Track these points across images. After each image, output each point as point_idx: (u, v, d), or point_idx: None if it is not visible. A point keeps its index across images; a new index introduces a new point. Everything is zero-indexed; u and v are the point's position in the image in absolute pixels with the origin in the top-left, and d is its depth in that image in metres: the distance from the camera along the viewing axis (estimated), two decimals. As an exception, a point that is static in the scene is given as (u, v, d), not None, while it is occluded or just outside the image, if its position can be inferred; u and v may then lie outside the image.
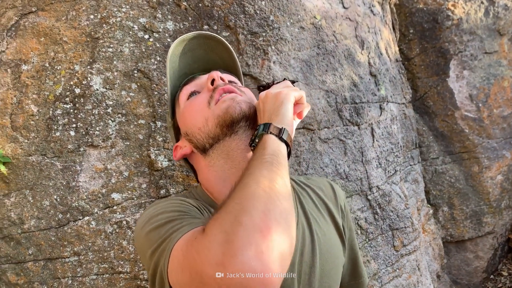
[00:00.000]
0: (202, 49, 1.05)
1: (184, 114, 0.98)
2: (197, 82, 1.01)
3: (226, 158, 0.92)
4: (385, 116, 1.81)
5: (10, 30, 1.40)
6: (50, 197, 1.34)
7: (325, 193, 1.06)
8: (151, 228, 0.77)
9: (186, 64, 1.05)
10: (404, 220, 1.70)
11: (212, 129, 0.91)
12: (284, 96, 0.89)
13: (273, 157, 0.75)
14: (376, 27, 1.95)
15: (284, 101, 0.88)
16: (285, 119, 0.85)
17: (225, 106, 0.89)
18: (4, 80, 1.38)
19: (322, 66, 1.57)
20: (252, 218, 0.60)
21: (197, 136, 0.94)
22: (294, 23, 1.53)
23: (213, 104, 0.91)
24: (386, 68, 1.97)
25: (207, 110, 0.92)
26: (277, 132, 0.82)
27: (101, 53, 1.38)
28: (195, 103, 0.95)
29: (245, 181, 0.69)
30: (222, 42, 1.04)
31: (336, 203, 1.06)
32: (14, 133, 1.36)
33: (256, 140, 0.84)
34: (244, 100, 0.92)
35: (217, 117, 0.89)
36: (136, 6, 1.40)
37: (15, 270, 1.34)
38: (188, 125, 0.96)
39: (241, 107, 0.90)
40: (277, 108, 0.87)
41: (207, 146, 0.93)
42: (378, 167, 1.67)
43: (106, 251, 1.32)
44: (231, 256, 0.57)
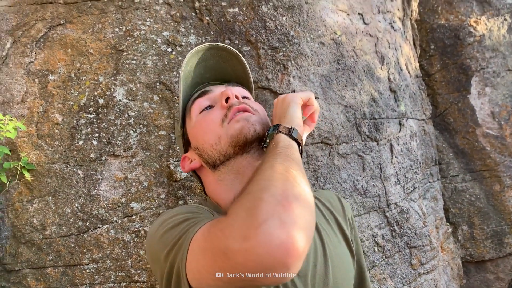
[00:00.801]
0: (215, 59, 1.06)
1: (195, 128, 0.99)
2: (210, 96, 1.01)
3: (236, 173, 0.93)
4: (405, 132, 1.80)
5: (39, 42, 1.45)
6: (71, 204, 1.37)
7: (333, 205, 1.06)
8: (165, 230, 0.77)
9: (198, 74, 1.06)
10: (422, 238, 1.67)
11: (225, 148, 0.92)
12: (291, 98, 0.92)
13: (285, 149, 0.78)
14: (396, 42, 1.94)
15: (291, 103, 0.91)
16: (294, 119, 0.88)
17: (239, 126, 0.90)
18: (31, 89, 1.43)
19: (341, 81, 1.57)
20: (272, 194, 0.62)
21: (209, 153, 0.95)
22: (314, 39, 1.54)
23: (226, 123, 0.92)
24: (406, 84, 1.96)
25: (220, 128, 0.92)
26: (286, 131, 0.84)
27: (125, 65, 1.41)
28: (208, 120, 0.96)
29: (261, 168, 0.71)
30: (235, 54, 1.05)
31: (344, 216, 1.06)
32: (39, 141, 1.40)
33: (267, 141, 0.87)
34: (258, 121, 0.92)
35: (230, 136, 0.90)
36: (160, 20, 1.44)
37: (35, 275, 1.36)
38: (200, 140, 0.97)
39: (255, 128, 0.90)
40: (284, 110, 0.90)
41: (217, 162, 0.94)
42: (396, 184, 1.66)
43: (124, 259, 1.34)
44: (255, 227, 0.58)
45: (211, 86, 1.05)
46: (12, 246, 1.39)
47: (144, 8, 1.44)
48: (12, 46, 1.46)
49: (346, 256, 1.00)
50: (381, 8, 1.88)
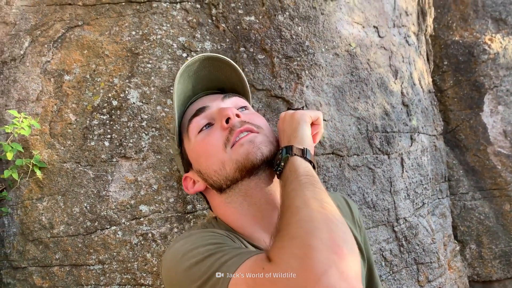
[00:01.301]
0: (207, 69, 1.00)
1: (196, 151, 0.94)
2: (207, 113, 0.95)
3: (244, 195, 0.90)
4: (416, 147, 1.79)
5: (57, 42, 1.47)
6: (80, 204, 1.37)
7: (341, 209, 1.04)
8: (191, 264, 0.73)
9: (191, 88, 1.00)
10: (430, 255, 1.65)
11: (231, 173, 0.87)
12: (300, 116, 0.89)
13: (308, 177, 0.75)
14: (410, 57, 1.94)
15: (301, 122, 0.88)
16: (305, 140, 0.85)
17: (245, 151, 0.86)
18: (47, 88, 1.44)
19: (354, 93, 1.57)
20: (322, 240, 0.59)
21: (213, 178, 0.91)
22: (329, 50, 1.54)
23: (229, 147, 0.87)
24: (419, 99, 1.95)
25: (223, 153, 0.88)
26: (300, 153, 0.82)
27: (140, 68, 1.42)
28: (209, 143, 0.90)
29: (295, 205, 0.67)
30: (228, 63, 0.99)
31: (353, 219, 1.04)
32: (52, 139, 1.41)
33: (281, 164, 0.83)
34: (263, 142, 0.88)
35: (235, 162, 0.86)
36: (176, 25, 1.45)
37: (41, 273, 1.36)
38: (202, 165, 0.92)
39: (262, 152, 0.86)
40: (294, 129, 0.88)
41: (224, 186, 0.90)
42: (406, 199, 1.64)
43: (130, 262, 1.34)
44: (315, 281, 0.55)
45: (206, 98, 1.00)
46: (20, 243, 1.39)
47: (162, 13, 1.46)
48: (30, 45, 1.48)
49: None
50: (397, 22, 1.88)
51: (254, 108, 1.44)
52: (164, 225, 1.35)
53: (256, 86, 1.44)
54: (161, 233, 1.35)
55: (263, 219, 0.90)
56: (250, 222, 0.91)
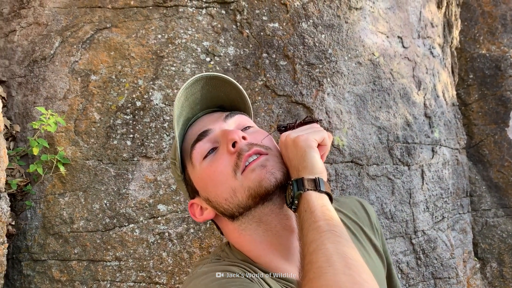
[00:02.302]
0: (205, 89, 0.94)
1: (203, 179, 0.88)
2: (211, 137, 0.89)
3: (258, 222, 0.86)
4: (437, 160, 1.76)
5: (85, 43, 1.52)
6: (100, 201, 1.40)
7: (358, 216, 1.01)
8: None
9: (189, 110, 0.95)
10: (449, 270, 1.61)
11: (243, 201, 0.83)
12: (304, 142, 0.80)
13: (327, 222, 0.69)
14: (434, 69, 1.92)
15: (307, 149, 0.80)
16: (315, 168, 0.78)
17: (257, 178, 0.81)
18: (73, 87, 1.49)
19: (376, 102, 1.56)
20: None
21: (224, 206, 0.86)
22: (351, 58, 1.54)
23: (239, 174, 0.82)
24: (442, 111, 1.93)
25: (234, 180, 0.83)
26: (313, 186, 0.76)
27: (164, 70, 1.45)
28: (217, 170, 0.85)
29: (318, 264, 0.63)
30: (228, 81, 0.94)
31: (370, 224, 1.01)
32: (76, 137, 1.45)
33: (295, 202, 0.77)
34: (275, 165, 0.83)
35: (248, 189, 0.81)
36: (201, 30, 1.48)
37: (59, 267, 1.40)
38: (211, 193, 0.87)
39: (276, 177, 0.81)
40: (301, 157, 0.80)
41: (236, 214, 0.86)
42: (425, 211, 1.62)
43: (146, 260, 1.36)
44: None
45: (205, 118, 0.95)
46: (41, 236, 1.43)
47: (187, 17, 1.49)
48: (60, 45, 1.53)
49: (379, 271, 0.96)
50: (422, 33, 1.87)
51: (274, 114, 1.45)
52: (181, 225, 1.37)
53: (277, 92, 1.45)
54: (178, 233, 1.37)
55: (280, 245, 0.86)
56: (266, 251, 0.86)
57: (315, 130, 0.84)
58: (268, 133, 0.92)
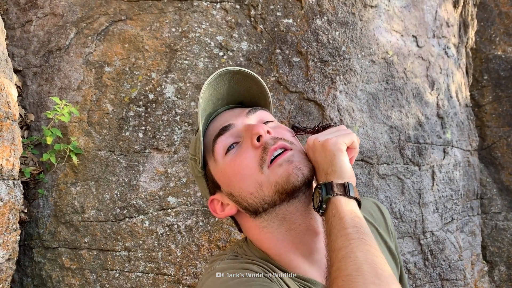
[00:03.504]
0: (226, 84, 0.93)
1: (226, 173, 0.87)
2: (233, 131, 0.89)
3: (282, 220, 0.85)
4: (448, 161, 1.75)
5: (100, 35, 1.53)
6: (111, 191, 1.42)
7: (375, 218, 1.00)
8: None
9: (211, 105, 0.94)
10: (456, 272, 1.61)
11: (269, 196, 0.82)
12: (333, 145, 0.79)
13: (356, 229, 0.69)
14: (449, 69, 1.90)
15: (336, 153, 0.78)
16: (344, 172, 0.77)
17: (285, 173, 0.80)
18: (88, 78, 1.50)
19: (388, 101, 1.56)
20: None
21: (249, 201, 0.85)
22: (365, 56, 1.53)
23: (266, 168, 0.82)
24: (455, 112, 1.91)
25: (260, 174, 0.82)
26: (342, 191, 0.75)
27: (177, 64, 1.46)
28: (242, 164, 0.84)
29: (347, 272, 0.63)
30: (250, 75, 0.93)
31: (386, 227, 1.01)
32: (89, 128, 1.46)
33: (323, 206, 0.76)
34: (301, 161, 0.83)
35: (275, 184, 0.81)
36: (215, 24, 1.48)
37: (70, 255, 1.42)
38: (235, 187, 0.86)
39: (303, 173, 0.81)
40: (330, 161, 0.78)
41: (260, 210, 0.85)
42: (434, 212, 1.61)
43: (154, 251, 1.37)
44: None
45: (226, 114, 0.95)
46: (52, 224, 1.45)
47: (202, 11, 1.49)
48: (75, 36, 1.55)
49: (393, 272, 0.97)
50: (437, 32, 1.85)
51: (285, 110, 1.45)
52: (190, 218, 1.38)
53: (289, 88, 1.45)
54: (187, 226, 1.38)
55: (303, 245, 0.85)
56: (287, 249, 0.85)
57: (344, 133, 0.82)
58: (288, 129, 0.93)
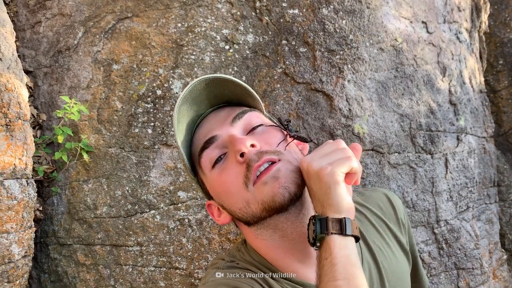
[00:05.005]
0: (207, 90, 0.89)
1: (215, 187, 0.87)
2: (218, 143, 0.86)
3: (274, 229, 0.83)
4: (462, 148, 1.71)
5: (107, 33, 1.54)
6: (122, 187, 1.43)
7: (384, 211, 0.98)
8: None
9: (194, 111, 0.91)
10: (473, 261, 1.58)
11: (257, 212, 0.80)
12: (329, 177, 0.72)
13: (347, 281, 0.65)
14: (461, 54, 1.86)
15: (332, 186, 0.71)
16: (341, 206, 0.71)
17: (270, 192, 0.77)
18: (96, 76, 1.52)
19: (398, 89, 1.53)
20: None
21: (239, 215, 0.84)
22: (373, 44, 1.51)
23: (251, 186, 0.79)
24: (468, 98, 1.87)
25: (246, 192, 0.80)
26: (338, 228, 0.70)
27: (184, 59, 1.46)
28: (228, 181, 0.82)
29: None
30: (228, 80, 0.88)
31: (396, 220, 0.98)
32: (99, 125, 1.48)
33: (317, 244, 0.73)
34: (288, 176, 0.78)
35: (261, 202, 0.78)
36: (221, 18, 1.48)
37: (84, 251, 1.44)
38: (225, 202, 0.86)
39: (290, 191, 0.77)
40: (325, 193, 0.72)
41: (251, 222, 0.84)
42: (448, 201, 1.58)
43: (166, 245, 1.39)
44: None
45: (212, 119, 0.91)
46: (66, 221, 1.48)
47: (207, 5, 1.49)
48: (83, 35, 1.56)
49: (404, 269, 0.95)
50: (447, 17, 1.81)
51: (293, 101, 1.44)
52: (200, 212, 1.39)
53: (296, 79, 1.44)
54: (197, 219, 1.39)
55: (297, 250, 0.85)
56: (282, 255, 0.85)
57: (341, 156, 0.73)
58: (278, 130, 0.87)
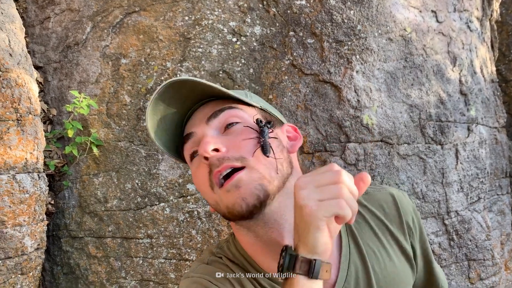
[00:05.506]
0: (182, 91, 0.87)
1: (193, 180, 0.90)
2: (194, 140, 0.87)
3: (247, 229, 0.86)
4: (473, 139, 1.69)
5: (115, 27, 1.55)
6: (132, 181, 1.44)
7: (386, 212, 0.94)
8: None
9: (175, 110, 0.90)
10: (484, 252, 1.57)
11: (226, 214, 0.83)
12: (312, 219, 0.65)
13: None
14: (472, 44, 1.83)
15: (311, 228, 0.66)
16: (316, 247, 0.67)
17: (231, 201, 0.78)
18: (105, 71, 1.52)
19: (408, 79, 1.51)
20: None
21: (215, 209, 0.88)
22: (382, 34, 1.50)
23: (216, 189, 0.81)
24: (479, 88, 1.84)
25: (213, 193, 0.83)
26: (306, 270, 0.66)
27: (191, 52, 1.46)
28: (199, 180, 0.86)
29: None
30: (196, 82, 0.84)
31: (400, 222, 0.94)
32: (108, 119, 1.49)
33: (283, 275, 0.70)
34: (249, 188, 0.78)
35: (225, 207, 0.80)
36: (228, 10, 1.47)
37: (95, 243, 1.46)
38: (202, 195, 0.89)
39: (248, 204, 0.77)
40: (303, 229, 0.67)
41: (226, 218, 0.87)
42: (459, 192, 1.57)
43: (176, 237, 1.40)
44: None
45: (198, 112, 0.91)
46: (78, 214, 1.50)
47: (214, -2, 1.48)
48: (91, 30, 1.57)
49: (401, 273, 0.91)
50: (458, 6, 1.78)
51: (301, 93, 1.43)
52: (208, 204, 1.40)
53: (304, 71, 1.43)
54: (206, 212, 1.40)
55: (271, 251, 0.85)
56: (259, 252, 0.88)
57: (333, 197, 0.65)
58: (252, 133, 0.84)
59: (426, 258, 0.99)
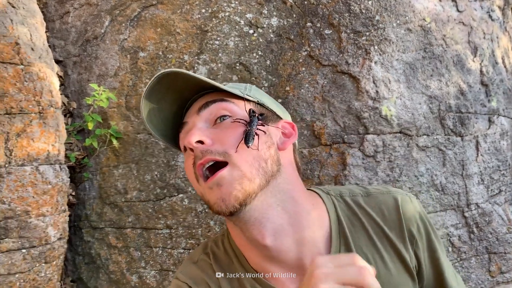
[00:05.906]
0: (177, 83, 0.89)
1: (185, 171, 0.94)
2: (186, 129, 0.90)
3: (234, 225, 0.88)
4: (494, 130, 1.66)
5: (133, 21, 1.56)
6: (151, 172, 1.46)
7: (386, 218, 0.90)
8: None
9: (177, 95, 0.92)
10: (505, 245, 1.54)
11: (210, 208, 0.84)
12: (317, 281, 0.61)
13: None
14: (493, 33, 1.79)
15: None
16: None
17: (213, 199, 0.80)
18: (123, 64, 1.54)
19: (427, 70, 1.49)
20: None
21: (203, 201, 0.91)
22: (400, 24, 1.48)
23: (201, 181, 0.83)
24: (501, 79, 1.80)
25: (198, 185, 0.85)
26: None
27: (208, 45, 1.47)
28: (187, 170, 0.89)
29: None
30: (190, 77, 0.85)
31: (400, 229, 0.89)
32: (127, 112, 1.51)
33: None
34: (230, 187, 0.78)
35: (208, 202, 0.83)
36: (244, 2, 1.47)
37: (115, 234, 1.49)
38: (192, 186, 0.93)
39: (226, 205, 0.78)
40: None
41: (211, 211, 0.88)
42: (479, 184, 1.54)
43: (194, 228, 1.41)
44: None
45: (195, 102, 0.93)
46: (98, 206, 1.52)
47: (231, -10, 1.48)
48: (109, 24, 1.59)
49: (395, 281, 0.86)
50: (479, -5, 1.74)
51: (318, 85, 1.42)
52: (227, 196, 1.41)
53: (322, 62, 1.43)
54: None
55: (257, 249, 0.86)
56: (247, 248, 0.89)
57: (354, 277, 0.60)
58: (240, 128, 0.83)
59: (437, 270, 0.93)
